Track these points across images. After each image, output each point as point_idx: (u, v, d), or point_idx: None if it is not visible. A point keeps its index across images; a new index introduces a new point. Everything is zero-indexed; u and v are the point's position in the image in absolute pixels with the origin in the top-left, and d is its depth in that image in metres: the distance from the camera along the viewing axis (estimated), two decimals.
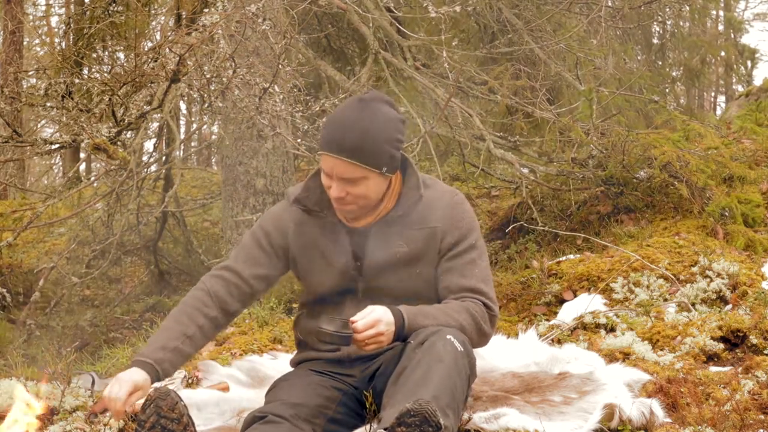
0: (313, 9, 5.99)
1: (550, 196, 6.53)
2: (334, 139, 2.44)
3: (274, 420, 2.36)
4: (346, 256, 2.58)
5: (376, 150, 2.43)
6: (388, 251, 2.56)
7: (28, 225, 6.08)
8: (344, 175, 2.44)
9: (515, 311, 4.67)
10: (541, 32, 6.93)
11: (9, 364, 4.05)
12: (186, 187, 10.87)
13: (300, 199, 2.62)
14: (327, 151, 2.45)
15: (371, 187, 2.48)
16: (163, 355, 2.49)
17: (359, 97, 2.50)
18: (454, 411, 2.23)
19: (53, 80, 4.93)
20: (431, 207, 2.58)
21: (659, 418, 2.61)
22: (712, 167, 5.81)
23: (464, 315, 2.47)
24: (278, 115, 5.10)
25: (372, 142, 2.42)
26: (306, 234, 2.63)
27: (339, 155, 2.42)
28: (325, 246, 2.60)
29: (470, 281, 2.54)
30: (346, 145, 2.41)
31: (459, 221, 2.58)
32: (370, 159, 2.43)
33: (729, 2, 15.46)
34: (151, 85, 5.00)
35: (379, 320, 2.35)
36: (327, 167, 2.47)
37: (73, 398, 3.06)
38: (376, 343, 2.36)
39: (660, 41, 10.62)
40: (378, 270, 2.57)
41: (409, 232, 2.56)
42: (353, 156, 2.41)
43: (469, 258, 2.57)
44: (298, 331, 2.77)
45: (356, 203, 2.50)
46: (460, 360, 2.31)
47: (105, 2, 6.94)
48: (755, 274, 4.44)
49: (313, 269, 2.64)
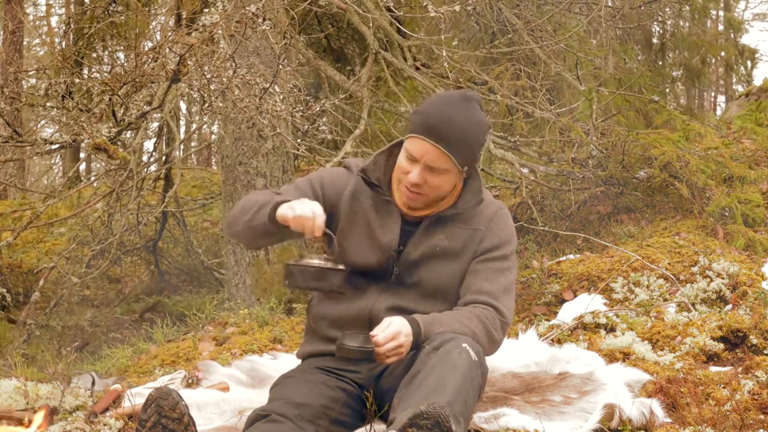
0: (313, 9, 5.99)
1: (550, 196, 6.53)
2: (436, 126, 2.48)
3: (278, 419, 2.36)
4: (392, 237, 2.62)
5: (469, 148, 2.52)
6: (429, 243, 2.60)
7: (28, 225, 6.08)
8: (432, 163, 2.49)
9: (515, 311, 4.67)
10: (541, 32, 6.93)
11: (9, 364, 4.05)
12: (186, 187, 10.88)
13: (367, 170, 2.64)
14: (425, 136, 2.48)
15: (449, 180, 2.54)
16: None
17: (463, 94, 2.57)
18: (465, 419, 2.26)
19: (53, 80, 4.93)
20: (480, 211, 2.64)
21: (659, 418, 2.61)
22: (712, 167, 5.81)
23: (475, 322, 2.50)
24: (278, 115, 5.10)
25: (468, 140, 2.50)
26: (360, 203, 2.66)
27: (438, 143, 2.47)
28: (375, 221, 2.64)
29: (491, 287, 2.58)
30: (447, 136, 2.47)
31: (500, 230, 2.65)
32: (461, 155, 2.50)
33: (729, 2, 15.45)
34: (151, 85, 5.00)
35: (399, 332, 2.38)
36: (418, 151, 2.49)
37: (73, 398, 3.07)
38: (397, 355, 2.39)
39: (660, 41, 10.61)
40: (416, 260, 2.61)
41: (453, 230, 2.62)
42: (450, 148, 2.47)
43: (498, 266, 2.62)
44: (311, 317, 2.76)
45: (429, 194, 2.54)
46: (474, 369, 2.34)
47: (105, 2, 6.94)
48: (755, 274, 4.44)
49: (355, 236, 2.65)
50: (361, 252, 2.64)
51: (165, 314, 5.69)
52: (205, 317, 4.85)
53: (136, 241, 7.44)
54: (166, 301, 7.01)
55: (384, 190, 2.63)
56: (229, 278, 5.88)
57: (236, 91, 4.67)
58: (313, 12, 6.46)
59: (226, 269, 6.03)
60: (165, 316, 5.31)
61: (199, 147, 16.14)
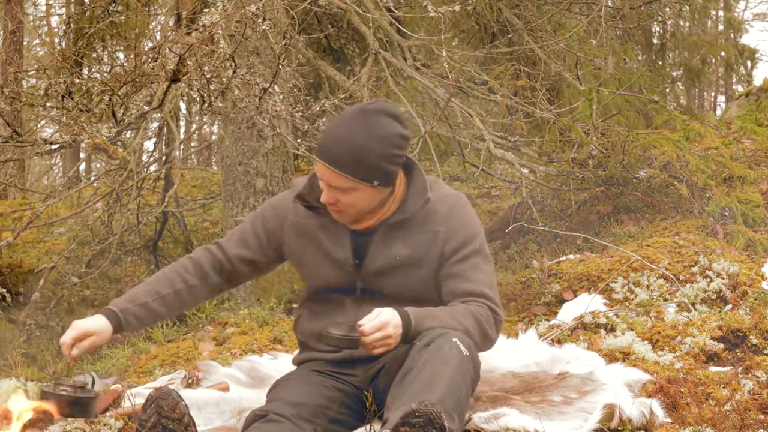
0: (313, 9, 5.99)
1: (550, 196, 6.53)
2: (327, 147, 2.43)
3: (276, 419, 2.36)
4: (345, 253, 2.58)
5: (367, 164, 2.40)
6: (388, 254, 2.55)
7: (28, 225, 6.07)
8: (333, 183, 2.44)
9: (515, 311, 4.67)
10: (541, 32, 6.93)
11: (9, 364, 4.05)
12: (186, 187, 10.87)
13: (302, 195, 2.61)
14: (318, 157, 2.46)
15: (362, 197, 2.46)
16: (130, 306, 2.56)
17: (362, 107, 2.48)
18: (459, 415, 2.24)
19: (53, 80, 4.92)
20: (434, 210, 2.56)
21: (659, 418, 2.61)
22: (712, 167, 5.81)
23: (470, 319, 2.46)
24: (278, 115, 5.10)
25: (363, 156, 2.39)
26: (306, 226, 2.63)
27: (329, 164, 2.42)
28: (326, 241, 2.60)
29: (475, 286, 2.53)
30: (335, 156, 2.41)
31: (462, 226, 2.57)
32: (360, 172, 2.41)
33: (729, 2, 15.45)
34: (151, 85, 5.00)
35: (387, 323, 2.34)
36: (318, 173, 2.48)
37: None
38: (384, 346, 2.35)
39: (660, 41, 10.61)
40: (377, 272, 2.56)
41: (410, 236, 2.55)
42: (341, 167, 2.41)
43: (473, 262, 2.55)
44: (299, 333, 2.76)
45: (347, 210, 2.50)
46: (465, 364, 2.31)
47: (105, 2, 6.94)
48: (755, 274, 4.44)
49: (312, 261, 2.64)
50: (321, 272, 2.62)
51: None
52: (205, 317, 4.85)
53: (136, 241, 7.43)
54: None
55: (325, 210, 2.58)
56: None
57: (236, 91, 4.67)
58: (313, 12, 6.46)
59: None
60: None
61: (199, 147, 16.14)
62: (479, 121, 5.99)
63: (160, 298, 2.61)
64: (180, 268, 2.68)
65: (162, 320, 2.73)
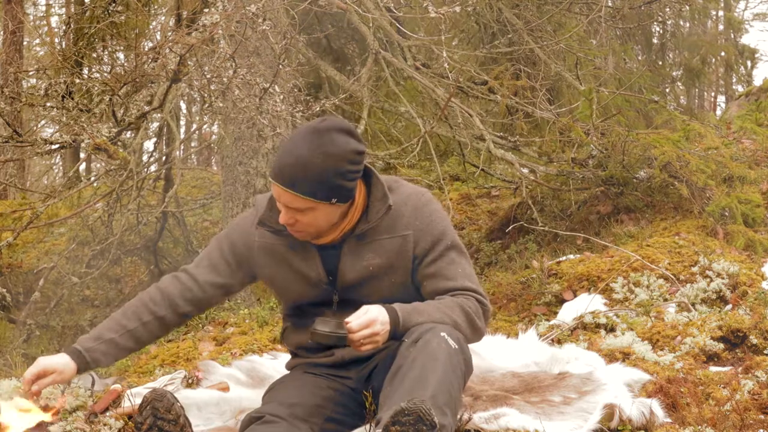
0: (313, 9, 5.99)
1: (550, 196, 6.53)
2: (278, 167, 2.38)
3: (271, 420, 2.36)
4: (317, 271, 2.54)
5: (324, 184, 2.35)
6: (360, 265, 2.52)
7: (28, 225, 6.08)
8: (290, 205, 2.39)
9: (515, 311, 4.67)
10: (541, 32, 6.93)
11: (9, 364, 4.05)
12: (186, 187, 10.87)
13: (264, 220, 2.55)
14: (273, 179, 2.39)
15: (320, 216, 2.41)
16: (95, 345, 2.55)
17: (313, 126, 2.40)
18: (451, 409, 2.23)
19: (53, 80, 4.93)
20: (398, 213, 2.51)
21: (659, 418, 2.61)
22: (712, 167, 5.81)
23: (457, 311, 2.44)
24: (278, 115, 5.10)
25: (318, 175, 2.34)
26: (274, 247, 2.59)
27: (283, 185, 2.37)
28: (295, 261, 2.56)
29: (456, 282, 2.50)
30: (289, 178, 2.35)
31: (429, 224, 2.51)
32: (316, 193, 2.36)
33: (729, 2, 15.45)
34: (151, 85, 5.01)
35: (374, 320, 2.32)
36: (275, 194, 2.42)
37: (73, 398, 3.06)
38: (372, 344, 2.33)
39: (660, 41, 10.62)
40: (351, 284, 2.53)
41: (379, 243, 2.51)
42: (296, 189, 2.35)
43: (448, 259, 2.52)
44: (287, 344, 2.76)
45: (306, 230, 2.45)
46: (454, 357, 2.30)
47: (105, 2, 6.94)
48: (755, 274, 4.44)
49: (285, 283, 2.61)
50: (295, 290, 2.60)
51: None
52: (205, 317, 4.85)
53: (136, 241, 7.43)
54: None
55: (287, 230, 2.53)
56: None
57: (236, 91, 4.67)
58: (313, 12, 6.46)
59: None
60: None
61: (199, 147, 16.15)
62: (479, 121, 6.00)
63: (127, 333, 2.59)
64: (147, 300, 2.63)
65: (132, 352, 2.71)
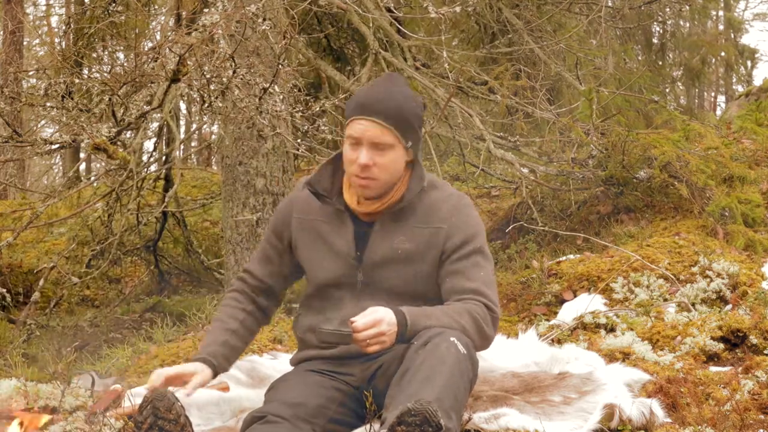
0: (313, 9, 5.99)
1: (550, 196, 6.53)
2: (369, 102, 2.49)
3: (274, 420, 2.35)
4: (348, 244, 2.60)
5: (407, 120, 2.51)
6: (389, 246, 2.57)
7: (28, 225, 6.07)
8: (375, 139, 2.48)
9: (515, 311, 4.66)
10: (541, 32, 6.94)
11: (9, 364, 4.05)
12: (186, 187, 10.87)
13: (311, 182, 2.64)
14: (361, 114, 2.49)
15: (396, 158, 2.52)
16: (213, 349, 2.66)
17: (390, 74, 2.62)
18: (456, 413, 2.23)
19: (53, 80, 4.92)
20: (437, 207, 2.59)
21: (659, 418, 2.61)
22: (712, 167, 5.81)
23: (466, 317, 2.45)
24: (278, 115, 5.10)
25: (404, 111, 2.50)
26: (310, 222, 2.67)
27: (375, 118, 2.47)
28: (328, 232, 2.64)
29: (474, 284, 2.53)
30: (379, 111, 2.47)
31: (464, 224, 2.58)
32: (401, 127, 2.49)
33: (729, 2, 15.45)
34: (151, 85, 5.00)
35: (381, 320, 2.33)
36: (357, 132, 2.49)
37: (73, 398, 3.06)
38: (379, 344, 2.33)
39: (660, 41, 10.63)
40: (378, 263, 2.57)
41: (412, 229, 2.57)
42: (388, 120, 2.47)
43: (474, 261, 2.56)
44: (297, 329, 2.77)
45: (380, 177, 2.51)
46: (463, 363, 2.31)
47: (105, 2, 6.94)
48: (755, 274, 4.44)
49: (314, 254, 2.66)
50: (324, 266, 2.64)
51: (165, 314, 5.68)
52: (205, 317, 4.85)
53: (136, 241, 7.43)
54: (166, 301, 7.00)
55: (334, 198, 2.62)
56: (229, 278, 5.87)
57: (236, 91, 4.67)
58: (313, 12, 6.47)
59: (226, 269, 6.02)
60: (165, 316, 5.31)
61: (199, 147, 16.14)
62: (479, 121, 5.99)
63: (233, 333, 2.72)
64: (232, 302, 2.78)
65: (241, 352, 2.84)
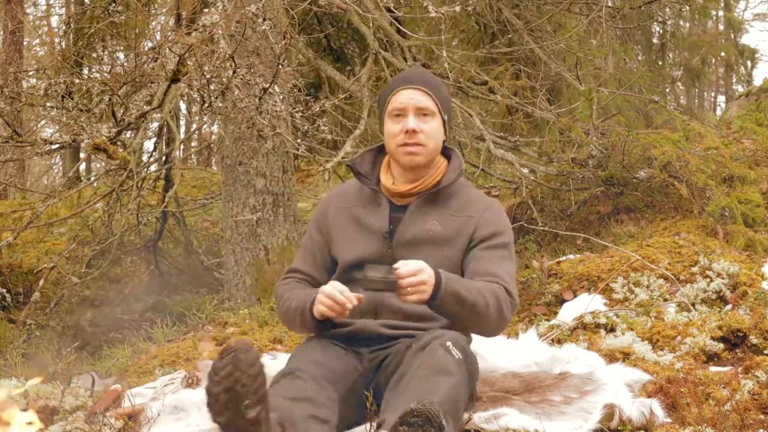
0: (313, 9, 5.99)
1: (550, 196, 6.53)
2: (412, 75, 2.74)
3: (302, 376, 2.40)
4: (382, 220, 2.70)
5: (444, 96, 2.75)
6: (422, 227, 2.67)
7: (28, 225, 6.08)
8: (421, 104, 2.66)
9: (515, 311, 4.66)
10: (541, 32, 6.93)
11: (9, 364, 4.05)
12: (186, 187, 10.87)
13: (355, 162, 2.79)
14: (405, 84, 2.70)
15: (437, 128, 2.70)
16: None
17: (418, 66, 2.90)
18: (454, 419, 2.25)
19: (53, 80, 4.93)
20: (473, 201, 2.75)
21: (659, 418, 2.61)
22: (712, 167, 5.81)
23: (490, 295, 2.54)
24: (278, 115, 5.10)
25: (441, 88, 2.75)
26: (347, 210, 2.78)
27: (418, 85, 2.69)
28: (363, 213, 2.74)
29: (497, 270, 2.63)
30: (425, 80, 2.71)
31: (496, 219, 2.73)
32: (439, 96, 2.71)
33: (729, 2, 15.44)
34: (151, 85, 5.01)
35: (422, 269, 2.41)
36: (404, 99, 2.67)
37: (73, 398, 3.06)
38: (418, 293, 2.40)
39: (660, 41, 10.62)
40: (409, 241, 2.66)
41: (445, 216, 2.70)
42: (432, 89, 2.69)
43: (500, 254, 2.68)
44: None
45: (426, 143, 2.66)
46: (461, 367, 2.34)
47: (105, 2, 6.94)
48: (755, 274, 4.43)
49: (346, 235, 2.74)
50: (354, 245, 2.71)
51: (165, 314, 5.68)
52: (205, 317, 4.85)
53: (136, 241, 7.44)
54: (166, 301, 7.00)
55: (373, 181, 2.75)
56: (229, 278, 5.87)
57: (236, 91, 4.67)
58: (313, 12, 6.47)
59: (226, 269, 6.03)
60: (165, 316, 5.31)
61: (199, 147, 16.15)
62: (479, 120, 5.99)
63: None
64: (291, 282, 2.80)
65: None
